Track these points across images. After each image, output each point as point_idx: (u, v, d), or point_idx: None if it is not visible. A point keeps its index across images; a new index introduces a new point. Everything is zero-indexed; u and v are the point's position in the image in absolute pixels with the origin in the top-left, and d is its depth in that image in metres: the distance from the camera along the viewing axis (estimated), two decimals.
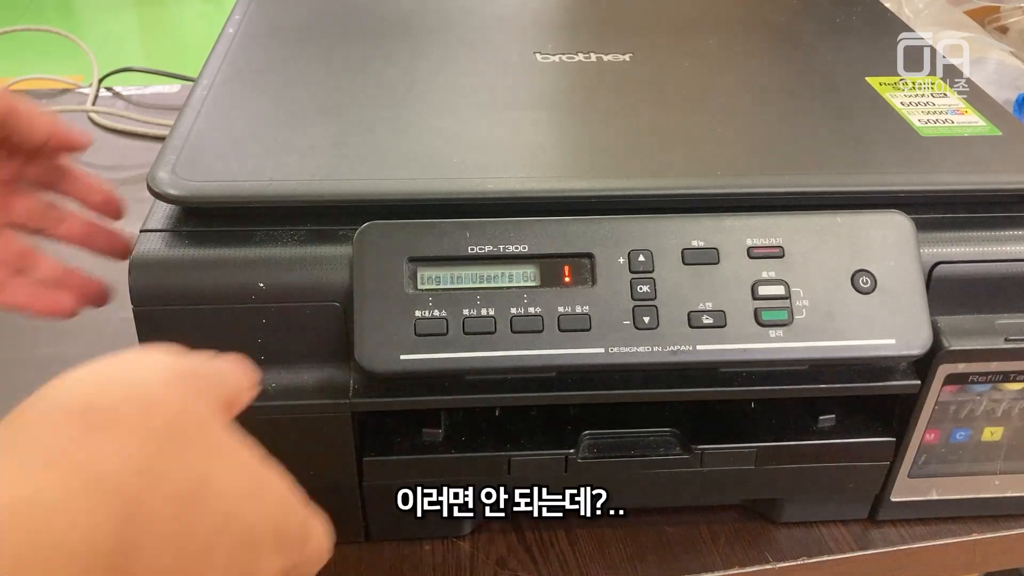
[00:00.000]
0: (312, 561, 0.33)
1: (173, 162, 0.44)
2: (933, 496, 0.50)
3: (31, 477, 0.24)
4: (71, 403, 0.27)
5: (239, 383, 0.32)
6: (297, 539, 0.31)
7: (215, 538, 0.28)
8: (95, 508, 0.25)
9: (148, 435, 0.27)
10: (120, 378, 0.28)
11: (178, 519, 0.27)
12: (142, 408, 0.27)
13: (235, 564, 0.28)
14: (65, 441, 0.26)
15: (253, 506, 0.29)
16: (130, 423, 0.27)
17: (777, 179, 0.45)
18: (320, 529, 0.33)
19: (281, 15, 0.62)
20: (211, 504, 0.28)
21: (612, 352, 0.41)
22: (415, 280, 0.41)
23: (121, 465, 0.26)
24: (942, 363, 0.44)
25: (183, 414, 0.28)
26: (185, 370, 0.30)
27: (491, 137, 0.49)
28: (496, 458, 0.46)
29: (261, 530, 0.29)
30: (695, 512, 0.51)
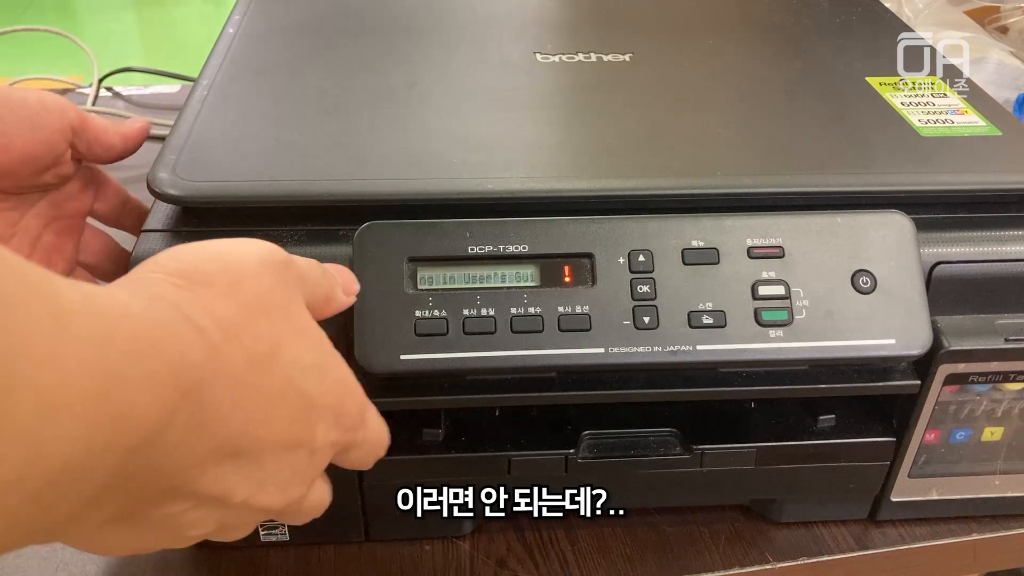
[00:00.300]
0: (367, 445, 0.36)
1: (173, 162, 0.44)
2: (933, 496, 0.50)
3: (138, 302, 0.27)
4: (177, 265, 0.30)
5: (331, 291, 0.36)
6: (354, 418, 0.34)
7: (279, 399, 0.31)
8: (183, 337, 0.27)
9: (235, 301, 0.30)
10: (223, 254, 0.32)
11: (248, 373, 0.30)
12: (233, 281, 0.31)
13: (294, 426, 0.31)
14: (169, 288, 0.29)
15: (317, 380, 0.32)
16: (222, 289, 0.30)
17: (777, 179, 0.45)
18: (377, 419, 0.37)
19: (281, 15, 0.62)
20: (279, 368, 0.31)
21: (612, 352, 0.41)
22: (415, 280, 0.41)
23: (208, 318, 0.29)
24: (942, 363, 0.44)
25: (269, 292, 0.32)
26: (280, 261, 0.33)
27: (491, 137, 0.49)
28: (496, 458, 0.46)
29: (321, 403, 0.32)
30: (695, 512, 0.51)
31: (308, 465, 0.33)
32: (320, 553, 0.49)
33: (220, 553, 0.49)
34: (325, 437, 0.33)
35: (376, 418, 0.36)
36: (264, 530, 0.48)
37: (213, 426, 0.28)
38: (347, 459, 0.36)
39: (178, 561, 0.48)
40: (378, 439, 0.37)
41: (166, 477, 0.28)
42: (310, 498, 0.35)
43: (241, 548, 0.49)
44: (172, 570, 0.48)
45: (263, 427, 0.30)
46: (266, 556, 0.48)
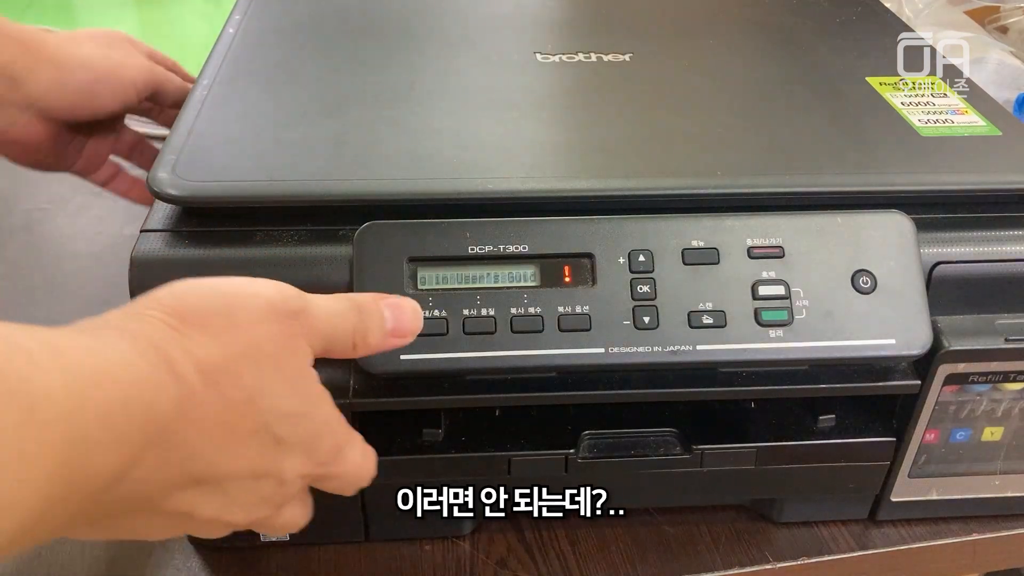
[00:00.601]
0: (344, 478, 0.37)
1: (173, 162, 0.44)
2: (933, 496, 0.50)
3: (116, 353, 0.28)
4: (177, 305, 0.31)
5: (363, 336, 0.36)
6: (327, 454, 0.35)
7: (249, 438, 0.32)
8: (158, 387, 0.29)
9: (224, 348, 0.31)
10: (229, 296, 0.32)
11: (222, 415, 0.31)
12: (228, 325, 0.31)
13: (262, 459, 0.33)
14: (160, 329, 0.30)
15: (291, 426, 0.33)
16: (215, 333, 0.31)
17: (777, 179, 0.45)
18: (358, 454, 0.37)
19: (281, 15, 0.62)
20: (255, 415, 0.32)
21: (612, 352, 0.41)
22: (415, 280, 0.41)
23: (191, 364, 0.30)
24: (942, 363, 0.44)
25: (265, 341, 0.32)
26: (290, 311, 0.33)
27: (491, 137, 0.49)
28: (496, 458, 0.46)
29: (292, 443, 0.33)
30: (695, 512, 0.51)
31: (275, 492, 0.34)
32: (320, 553, 0.49)
33: (220, 553, 0.49)
34: (294, 470, 0.34)
35: (356, 453, 0.37)
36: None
37: (180, 461, 0.30)
38: (323, 487, 0.37)
39: (177, 561, 0.48)
40: (356, 473, 0.37)
41: (131, 501, 0.30)
42: (282, 517, 0.36)
43: (241, 548, 0.49)
44: (170, 571, 0.48)
45: (231, 461, 0.32)
46: (266, 556, 0.48)
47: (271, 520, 0.36)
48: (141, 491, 0.30)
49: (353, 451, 0.37)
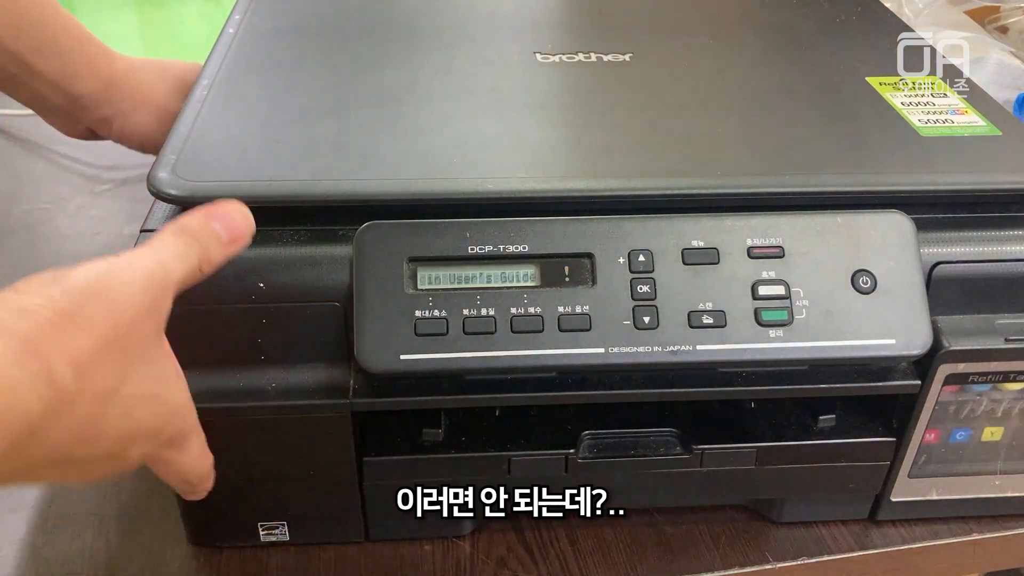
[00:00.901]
0: (175, 464, 0.37)
1: (173, 162, 0.44)
2: (933, 496, 0.50)
3: None
4: (64, 299, 0.30)
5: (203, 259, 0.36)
6: (169, 438, 0.36)
7: (108, 428, 0.32)
8: (30, 390, 0.28)
9: (100, 342, 0.31)
10: (106, 290, 0.32)
11: (90, 409, 0.31)
12: (111, 322, 0.31)
13: (115, 446, 0.33)
14: (42, 330, 0.29)
15: (150, 408, 0.34)
16: (92, 326, 0.31)
17: (777, 179, 0.45)
18: (196, 449, 0.38)
19: (281, 16, 0.62)
20: (119, 401, 0.32)
21: (612, 352, 0.41)
22: (415, 280, 0.41)
23: (68, 364, 0.29)
24: (942, 363, 0.44)
25: (136, 326, 0.32)
26: (159, 286, 0.34)
27: (491, 137, 0.49)
28: (496, 458, 0.46)
29: (145, 427, 0.34)
30: (695, 512, 0.51)
31: (112, 467, 0.35)
32: (320, 553, 0.49)
33: (220, 553, 0.49)
34: (137, 451, 0.35)
35: (196, 448, 0.38)
36: (264, 530, 0.48)
37: (39, 453, 0.30)
38: (155, 469, 0.38)
39: (177, 561, 0.48)
40: (191, 467, 0.38)
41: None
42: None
43: (241, 548, 0.49)
44: (170, 571, 0.48)
45: (86, 448, 0.32)
46: (266, 556, 0.48)
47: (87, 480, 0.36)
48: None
49: (194, 444, 0.37)
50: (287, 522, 0.48)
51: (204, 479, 0.40)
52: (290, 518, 0.48)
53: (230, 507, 0.47)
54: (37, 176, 0.80)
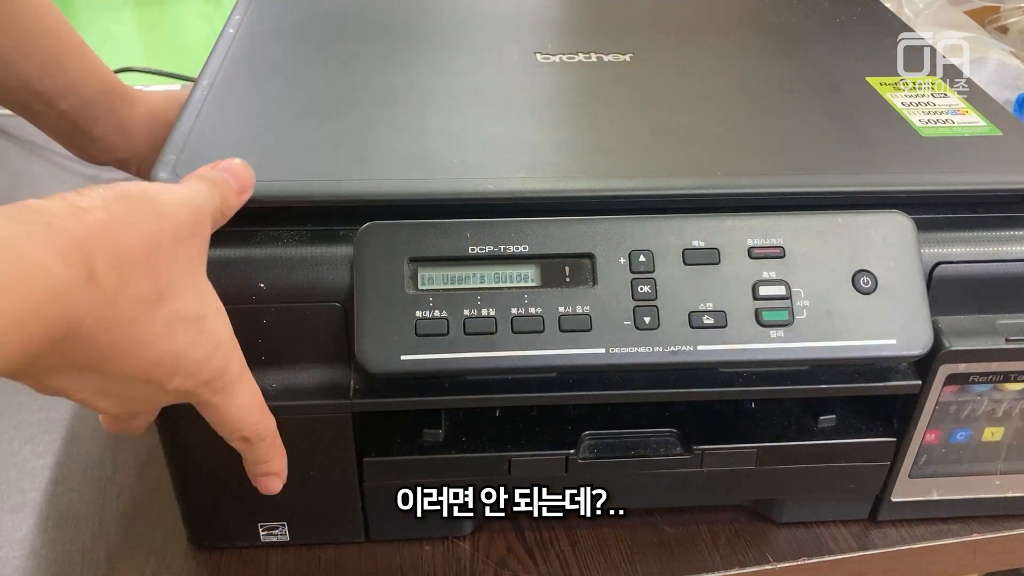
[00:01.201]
0: (224, 412, 0.37)
1: (174, 163, 0.44)
2: (934, 496, 0.50)
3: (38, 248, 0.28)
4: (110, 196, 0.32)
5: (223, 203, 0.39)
6: (212, 377, 0.36)
7: (151, 344, 0.33)
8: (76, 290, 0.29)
9: (148, 245, 0.32)
10: (155, 196, 0.34)
11: (134, 317, 0.31)
12: (156, 230, 0.33)
13: (156, 369, 0.33)
14: (92, 231, 0.30)
15: (193, 332, 0.34)
16: (142, 230, 0.32)
17: (778, 179, 0.45)
18: (249, 399, 0.38)
19: (281, 16, 0.62)
20: (162, 316, 0.33)
21: (613, 352, 0.41)
22: (415, 280, 0.41)
23: (112, 262, 0.30)
24: (943, 363, 0.44)
25: (182, 242, 0.34)
26: (200, 208, 0.36)
27: (491, 137, 0.49)
28: (496, 458, 0.46)
29: (188, 356, 0.34)
30: (695, 512, 0.51)
31: (155, 397, 0.35)
32: (320, 553, 0.49)
33: (220, 553, 0.49)
34: (180, 384, 0.35)
35: (246, 397, 0.38)
36: (264, 530, 0.48)
37: (80, 354, 0.31)
38: (204, 415, 0.38)
39: (177, 561, 0.48)
40: (241, 416, 0.38)
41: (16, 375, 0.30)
42: (133, 422, 0.38)
43: (241, 548, 0.49)
44: (170, 571, 0.48)
45: (127, 361, 0.32)
46: (266, 556, 0.48)
47: (124, 422, 0.38)
48: (27, 371, 0.31)
49: (241, 391, 0.37)
50: (287, 522, 0.48)
51: (262, 436, 0.39)
52: (290, 518, 0.48)
53: (230, 507, 0.47)
54: (37, 176, 0.80)
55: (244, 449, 0.40)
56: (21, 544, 0.49)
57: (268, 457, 0.40)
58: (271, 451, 0.40)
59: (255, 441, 0.39)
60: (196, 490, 0.47)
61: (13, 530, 0.50)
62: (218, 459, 0.44)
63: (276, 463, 0.41)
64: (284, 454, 0.41)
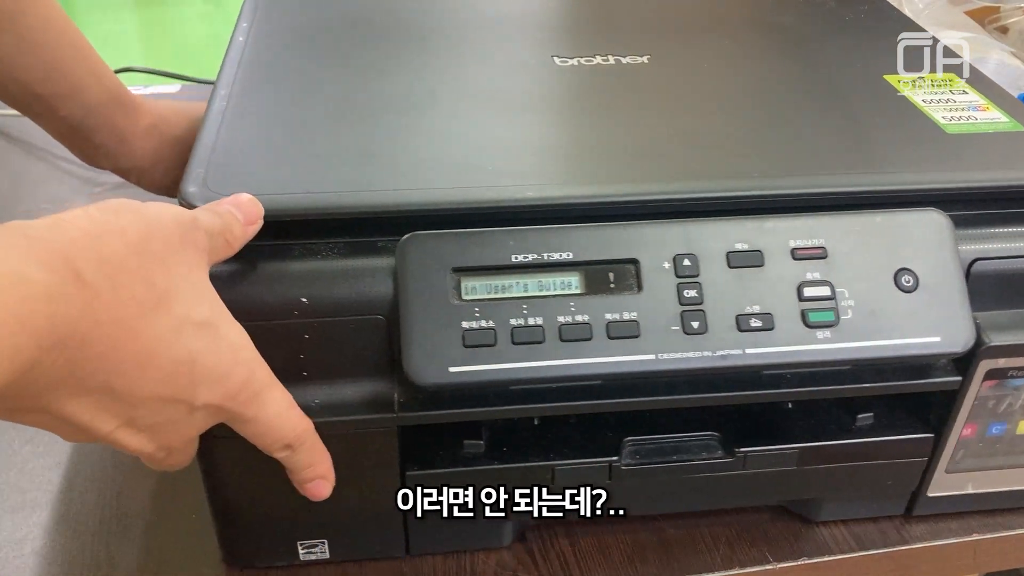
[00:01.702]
0: (260, 425, 0.36)
1: (203, 176, 0.43)
2: (969, 490, 0.50)
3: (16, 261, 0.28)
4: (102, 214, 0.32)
5: (229, 233, 0.38)
6: (239, 388, 0.35)
7: (160, 349, 0.32)
8: (61, 294, 0.28)
9: (138, 251, 0.32)
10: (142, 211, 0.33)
11: (134, 319, 0.31)
12: (144, 233, 0.32)
13: (173, 380, 0.32)
14: (75, 238, 0.30)
15: (206, 339, 0.33)
16: (131, 239, 0.32)
17: (818, 179, 0.45)
18: (281, 405, 0.37)
19: (290, 22, 0.61)
20: (168, 320, 0.32)
21: (662, 359, 0.41)
22: (460, 290, 0.41)
23: (100, 267, 0.30)
24: (983, 359, 0.44)
25: (175, 248, 0.33)
26: (189, 220, 0.35)
27: (522, 143, 0.48)
28: (540, 468, 0.46)
29: (205, 363, 0.33)
30: (694, 512, 0.51)
31: (185, 421, 0.34)
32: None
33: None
34: (207, 399, 0.34)
35: (279, 405, 0.37)
36: (304, 548, 0.47)
37: (84, 364, 0.30)
38: (241, 432, 0.37)
39: None
40: (279, 424, 0.37)
41: (28, 398, 0.30)
42: (171, 459, 0.37)
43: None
44: None
45: (140, 372, 0.31)
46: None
47: (161, 459, 0.36)
48: (38, 389, 0.29)
49: (273, 400, 0.37)
50: (327, 539, 0.47)
51: (303, 440, 0.38)
52: (330, 535, 0.47)
53: (269, 526, 0.46)
54: (36, 177, 0.80)
55: (287, 458, 0.39)
56: (21, 544, 0.49)
57: (312, 460, 0.40)
58: (315, 453, 0.40)
59: (297, 446, 0.38)
60: (234, 511, 0.46)
61: (13, 530, 0.49)
62: (257, 478, 0.43)
63: (321, 465, 0.40)
64: (328, 455, 0.40)
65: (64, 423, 0.32)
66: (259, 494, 0.45)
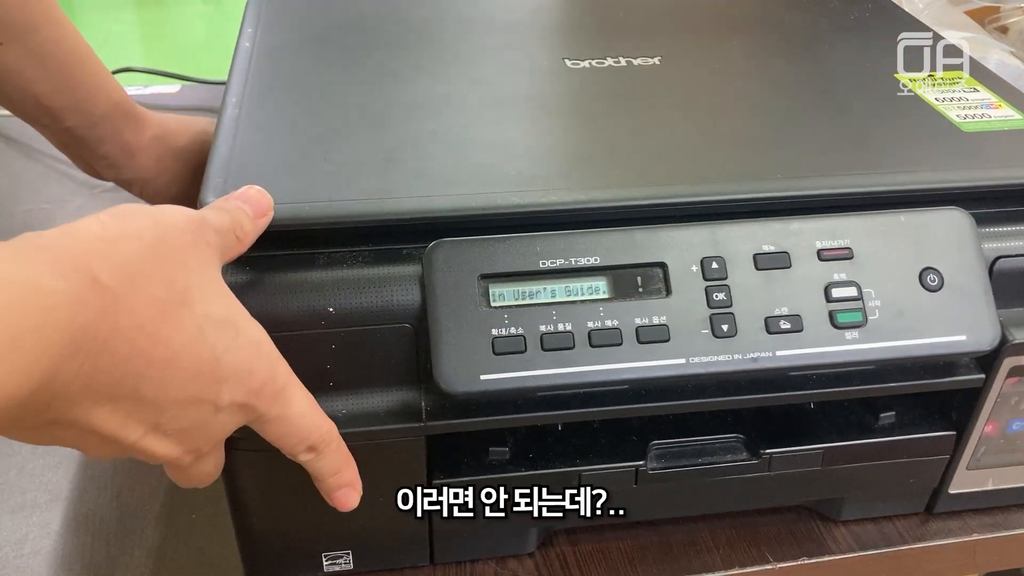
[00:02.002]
0: (287, 424, 0.36)
1: (222, 185, 0.42)
2: (989, 487, 0.50)
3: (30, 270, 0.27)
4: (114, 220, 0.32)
5: (239, 228, 0.37)
6: (264, 384, 0.34)
7: (185, 349, 0.31)
8: (77, 301, 0.28)
9: (154, 252, 0.31)
10: (154, 214, 0.33)
11: (156, 320, 0.30)
12: (158, 235, 0.32)
13: (198, 379, 0.32)
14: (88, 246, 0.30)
15: (229, 336, 0.33)
16: (147, 242, 0.32)
17: (842, 180, 0.45)
18: (305, 404, 0.36)
19: (297, 27, 0.61)
20: (191, 318, 0.32)
21: (693, 362, 0.40)
22: (487, 297, 0.40)
23: (115, 270, 0.30)
24: (1007, 356, 0.44)
25: (189, 248, 0.33)
26: (199, 219, 0.35)
27: (541, 147, 0.48)
28: (566, 474, 0.45)
29: (229, 360, 0.33)
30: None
31: (212, 422, 0.34)
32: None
33: None
34: (231, 397, 0.33)
35: (303, 403, 0.37)
36: (328, 560, 0.46)
37: (108, 370, 0.29)
38: (265, 433, 0.36)
39: None
40: (304, 423, 0.37)
41: (54, 411, 0.29)
42: (200, 465, 0.36)
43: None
44: None
45: (165, 375, 0.31)
46: None
47: (196, 463, 0.35)
48: (63, 400, 0.29)
49: (296, 398, 0.36)
50: (351, 550, 0.46)
51: (328, 441, 0.37)
52: (355, 546, 0.46)
53: (293, 538, 0.45)
54: (37, 177, 0.79)
55: (312, 461, 0.38)
56: (21, 544, 0.48)
57: (339, 465, 0.39)
58: (340, 458, 0.39)
59: (322, 448, 0.38)
60: (257, 524, 0.45)
61: (13, 530, 0.49)
62: (280, 489, 0.43)
63: (348, 471, 0.40)
64: (353, 461, 0.40)
65: (90, 435, 0.31)
66: (283, 506, 0.44)
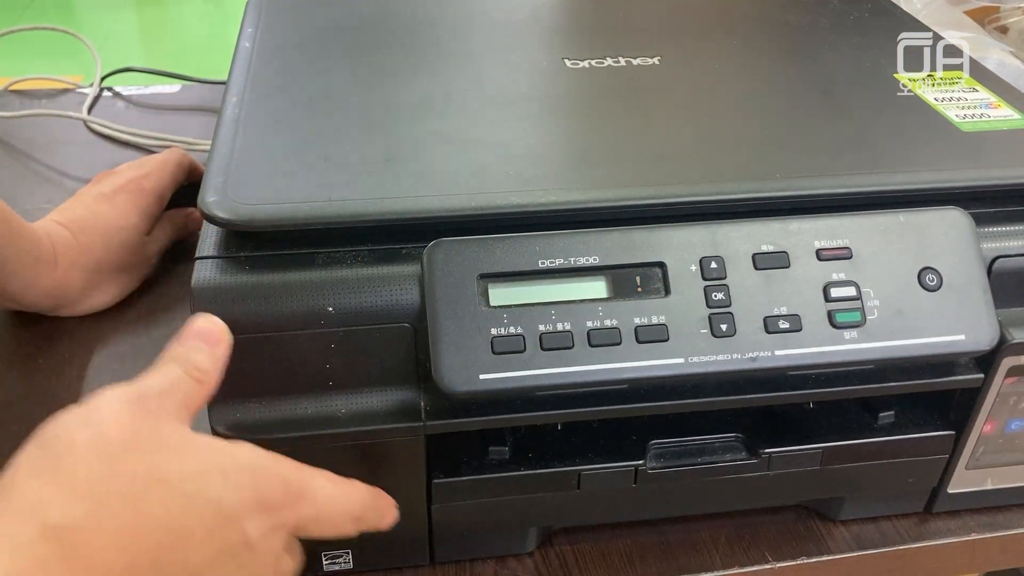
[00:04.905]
0: (323, 516, 0.36)
1: (222, 184, 0.42)
2: (988, 486, 0.50)
3: None
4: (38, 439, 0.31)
5: (198, 373, 0.36)
6: (280, 497, 0.34)
7: (184, 517, 0.31)
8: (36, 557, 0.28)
9: (100, 455, 0.30)
10: (76, 416, 0.32)
11: (138, 513, 0.30)
12: (95, 435, 0.31)
13: (216, 533, 0.31)
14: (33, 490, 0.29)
15: (219, 480, 0.32)
16: (83, 446, 0.31)
17: (841, 180, 0.45)
18: (330, 486, 0.36)
19: (297, 28, 0.61)
20: (173, 490, 0.31)
21: (692, 362, 0.41)
22: (487, 297, 0.40)
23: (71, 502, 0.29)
24: (1006, 355, 0.44)
25: (133, 429, 0.32)
26: (134, 395, 0.33)
27: (540, 147, 0.48)
28: (566, 474, 0.45)
29: (233, 499, 0.32)
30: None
31: (255, 557, 0.33)
32: None
33: None
34: (257, 529, 0.32)
35: (323, 486, 0.36)
36: (328, 559, 0.46)
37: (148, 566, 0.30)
38: (312, 534, 0.36)
39: None
40: (339, 506, 0.36)
41: None
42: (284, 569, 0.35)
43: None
44: None
45: (178, 551, 0.30)
46: None
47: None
48: None
49: (321, 483, 0.36)
50: (351, 550, 0.46)
51: (364, 504, 0.38)
52: (354, 546, 0.46)
53: None
54: (36, 177, 0.78)
55: (359, 522, 0.38)
56: None
57: (382, 512, 0.39)
58: (381, 506, 0.39)
59: (363, 514, 0.38)
60: None
61: None
62: None
63: (390, 512, 0.40)
64: (383, 492, 0.40)
65: None
66: None
